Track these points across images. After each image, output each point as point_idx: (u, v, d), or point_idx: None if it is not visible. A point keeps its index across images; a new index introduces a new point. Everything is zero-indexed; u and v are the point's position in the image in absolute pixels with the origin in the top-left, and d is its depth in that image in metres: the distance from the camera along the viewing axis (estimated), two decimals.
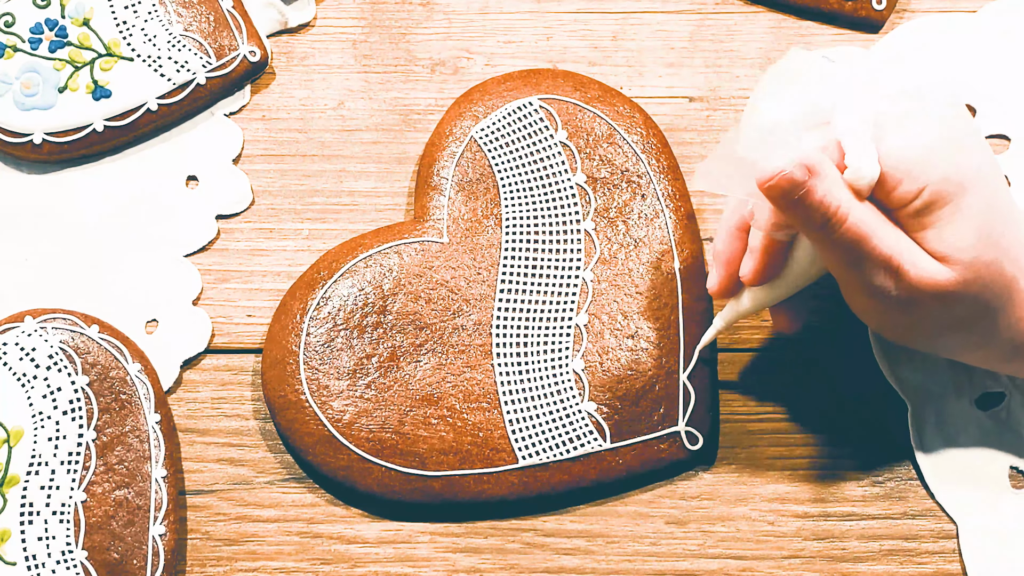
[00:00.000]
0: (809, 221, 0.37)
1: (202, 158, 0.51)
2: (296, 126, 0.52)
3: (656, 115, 0.51)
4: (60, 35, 0.51)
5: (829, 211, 0.36)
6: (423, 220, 0.48)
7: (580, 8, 0.53)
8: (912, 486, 0.46)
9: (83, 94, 0.50)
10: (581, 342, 0.47)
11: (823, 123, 0.38)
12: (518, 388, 0.46)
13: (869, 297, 0.39)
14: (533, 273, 0.47)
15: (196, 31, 0.51)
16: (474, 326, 0.47)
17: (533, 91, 0.50)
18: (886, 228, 0.37)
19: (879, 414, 0.47)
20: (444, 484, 0.45)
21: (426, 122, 0.52)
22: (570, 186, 0.48)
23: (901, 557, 0.45)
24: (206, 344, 0.49)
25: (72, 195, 0.51)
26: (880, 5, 0.52)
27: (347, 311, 0.47)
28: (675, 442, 0.46)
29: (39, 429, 0.45)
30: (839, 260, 0.38)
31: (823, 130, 0.38)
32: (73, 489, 0.44)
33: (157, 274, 0.49)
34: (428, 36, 0.53)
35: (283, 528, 0.46)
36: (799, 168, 0.36)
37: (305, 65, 0.53)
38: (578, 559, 0.46)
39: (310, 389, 0.46)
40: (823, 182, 0.36)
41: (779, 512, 0.46)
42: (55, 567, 0.43)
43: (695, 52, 0.53)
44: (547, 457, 0.45)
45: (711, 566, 0.46)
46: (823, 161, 0.37)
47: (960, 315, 0.39)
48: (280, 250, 0.50)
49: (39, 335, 0.46)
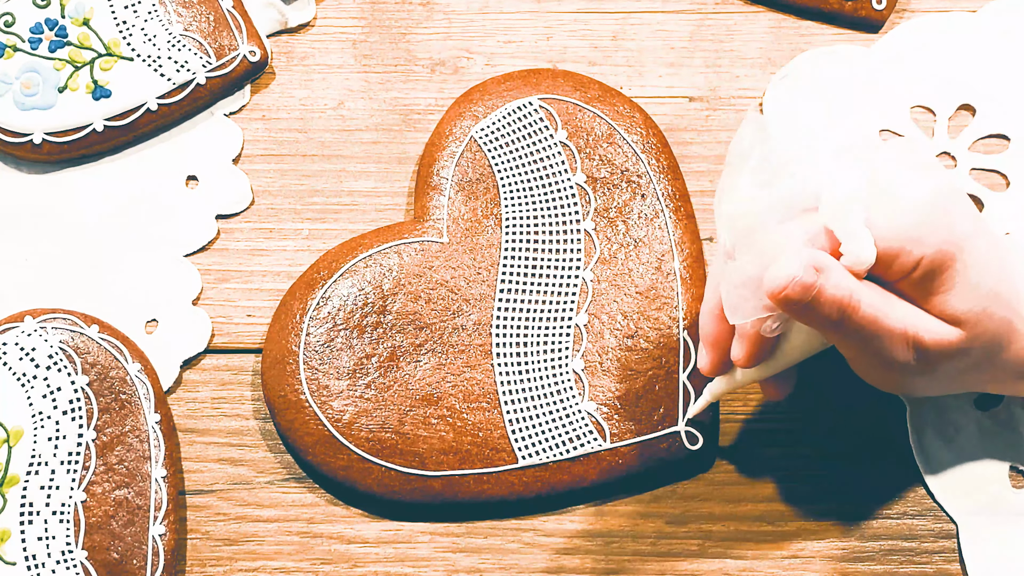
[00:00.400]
0: (824, 319, 0.36)
1: (202, 158, 0.51)
2: (296, 126, 0.52)
3: (656, 115, 0.51)
4: (60, 35, 0.51)
5: (842, 303, 0.36)
6: (423, 220, 0.48)
7: (580, 8, 0.53)
8: (912, 486, 0.46)
9: (83, 94, 0.50)
10: (581, 342, 0.47)
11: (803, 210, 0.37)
12: (518, 388, 0.46)
13: (885, 370, 0.39)
14: (533, 273, 0.47)
15: (196, 31, 0.51)
16: (474, 326, 0.47)
17: (533, 91, 0.50)
18: (894, 303, 0.37)
19: (879, 414, 0.47)
20: (444, 484, 0.45)
21: (426, 122, 0.52)
22: (570, 186, 0.48)
23: (901, 557, 0.45)
24: (206, 344, 0.49)
25: (72, 195, 0.51)
26: (880, 5, 0.52)
27: (347, 311, 0.47)
28: (675, 442, 0.46)
29: (39, 429, 0.45)
30: (853, 344, 0.38)
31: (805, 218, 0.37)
32: (73, 489, 0.44)
33: (157, 274, 0.49)
34: (428, 36, 0.53)
35: (283, 528, 0.46)
36: (808, 272, 0.35)
37: (305, 65, 0.53)
38: (578, 559, 0.46)
39: (310, 389, 0.46)
40: (830, 277, 0.36)
41: (779, 512, 0.46)
42: (55, 567, 0.43)
43: (695, 52, 0.53)
44: (547, 457, 0.45)
45: (711, 566, 0.46)
46: (827, 259, 0.36)
47: (971, 362, 0.39)
48: (280, 250, 0.50)
49: (39, 335, 0.46)
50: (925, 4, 0.53)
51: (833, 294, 0.36)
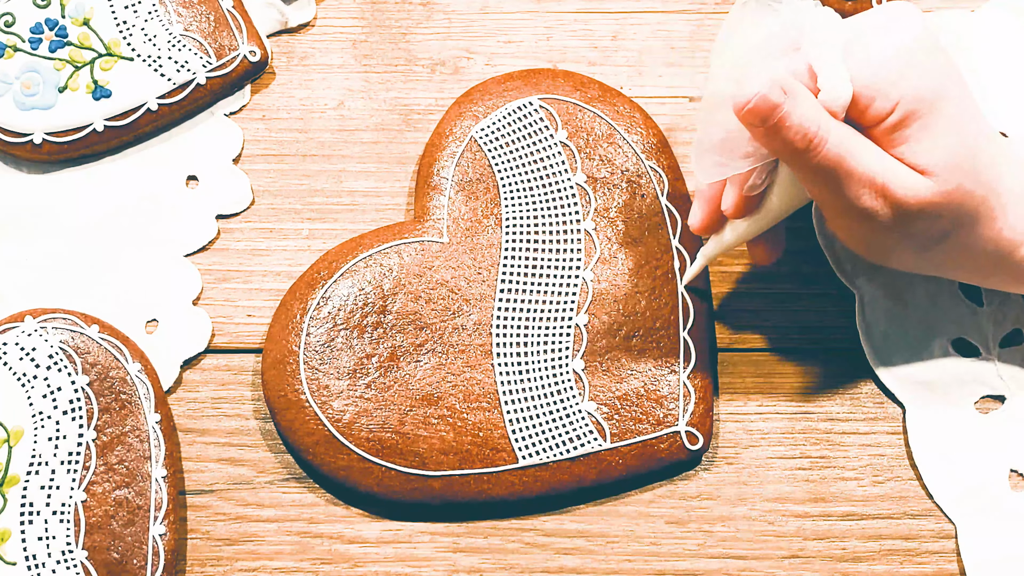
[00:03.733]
0: (790, 148, 0.37)
1: (202, 158, 0.51)
2: (296, 126, 0.52)
3: (656, 115, 0.51)
4: (60, 35, 0.51)
5: (808, 134, 0.36)
6: (423, 220, 0.48)
7: (580, 8, 0.53)
8: (912, 486, 0.46)
9: (83, 94, 0.50)
10: (581, 342, 0.47)
11: (791, 49, 0.38)
12: (518, 388, 0.46)
13: (854, 219, 0.39)
14: (533, 273, 0.47)
15: (196, 31, 0.51)
16: (474, 326, 0.47)
17: (533, 91, 0.50)
18: (866, 147, 0.37)
19: (879, 414, 0.47)
20: (444, 484, 0.45)
21: (426, 122, 0.52)
22: (570, 186, 0.48)
23: (901, 557, 0.45)
24: (206, 344, 0.49)
25: (72, 195, 0.51)
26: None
27: (347, 311, 0.47)
28: (675, 442, 0.46)
29: (39, 429, 0.45)
30: (822, 185, 0.38)
31: (791, 56, 0.38)
32: (73, 489, 0.44)
33: (157, 274, 0.49)
34: (428, 36, 0.53)
35: (283, 528, 0.46)
36: (774, 89, 0.36)
37: (305, 65, 0.53)
38: (578, 559, 0.46)
39: (310, 389, 0.46)
40: (799, 106, 0.36)
41: (779, 512, 0.46)
42: (55, 567, 0.43)
43: (695, 52, 0.53)
44: (547, 457, 0.45)
45: (711, 566, 0.46)
46: (796, 84, 0.37)
47: (943, 228, 0.39)
48: (280, 250, 0.50)
49: (39, 335, 0.46)
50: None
51: (800, 122, 0.36)
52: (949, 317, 0.47)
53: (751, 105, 0.36)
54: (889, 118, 0.37)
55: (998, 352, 0.47)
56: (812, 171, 0.37)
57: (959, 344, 0.47)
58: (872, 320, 0.47)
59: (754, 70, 0.37)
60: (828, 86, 0.37)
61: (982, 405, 0.47)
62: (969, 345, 0.47)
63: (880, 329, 0.47)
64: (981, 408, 0.47)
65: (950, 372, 0.47)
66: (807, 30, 0.37)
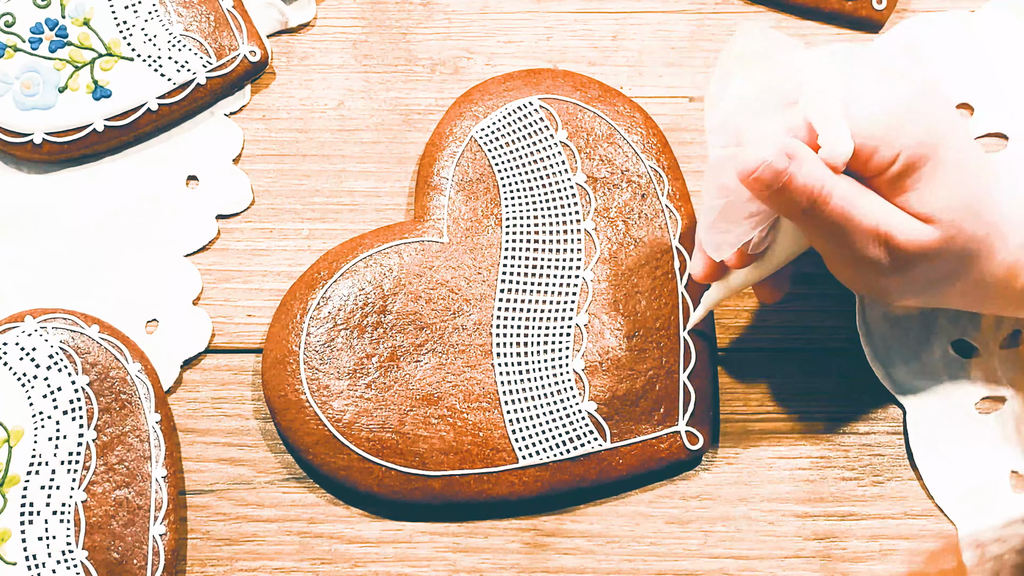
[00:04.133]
0: (794, 207, 0.37)
1: (202, 158, 0.51)
2: (296, 126, 0.52)
3: (656, 115, 0.51)
4: (60, 35, 0.51)
5: (813, 193, 0.36)
6: (423, 220, 0.48)
7: (580, 8, 0.53)
8: (912, 486, 0.46)
9: (83, 94, 0.50)
10: (581, 342, 0.47)
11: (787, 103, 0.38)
12: (518, 388, 0.46)
13: (858, 268, 0.39)
14: (533, 273, 0.47)
15: (196, 31, 0.51)
16: (474, 326, 0.47)
17: (533, 91, 0.50)
18: (868, 199, 0.37)
19: (879, 414, 0.47)
20: (444, 484, 0.45)
21: (426, 122, 0.52)
22: (570, 186, 0.48)
23: (901, 557, 0.45)
24: (206, 344, 0.49)
25: (72, 195, 0.51)
26: (880, 5, 0.52)
27: (347, 311, 0.47)
28: (675, 442, 0.46)
29: (39, 429, 0.45)
30: (826, 238, 0.38)
31: (786, 111, 0.38)
32: (73, 489, 0.44)
33: (157, 274, 0.49)
34: (428, 36, 0.53)
35: (283, 528, 0.46)
36: (780, 156, 0.36)
37: (305, 65, 0.53)
38: (578, 559, 0.46)
39: (310, 389, 0.46)
40: (803, 165, 0.36)
41: (779, 512, 0.46)
42: (55, 567, 0.43)
43: (695, 52, 0.53)
44: (547, 457, 0.45)
45: (711, 566, 0.46)
46: (800, 147, 0.36)
47: (947, 269, 0.39)
48: (280, 250, 0.50)
49: (39, 335, 0.46)
50: (925, 4, 0.53)
51: (804, 183, 0.36)
52: (949, 318, 0.47)
53: (757, 174, 0.36)
54: (891, 169, 0.37)
55: (998, 353, 0.47)
56: (816, 226, 0.37)
57: (959, 345, 0.47)
58: (872, 320, 0.47)
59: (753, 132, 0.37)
60: (829, 142, 0.36)
61: (982, 406, 0.47)
62: (969, 346, 0.47)
63: (880, 330, 0.47)
64: (981, 409, 0.47)
65: (950, 373, 0.47)
66: (804, 84, 0.37)
